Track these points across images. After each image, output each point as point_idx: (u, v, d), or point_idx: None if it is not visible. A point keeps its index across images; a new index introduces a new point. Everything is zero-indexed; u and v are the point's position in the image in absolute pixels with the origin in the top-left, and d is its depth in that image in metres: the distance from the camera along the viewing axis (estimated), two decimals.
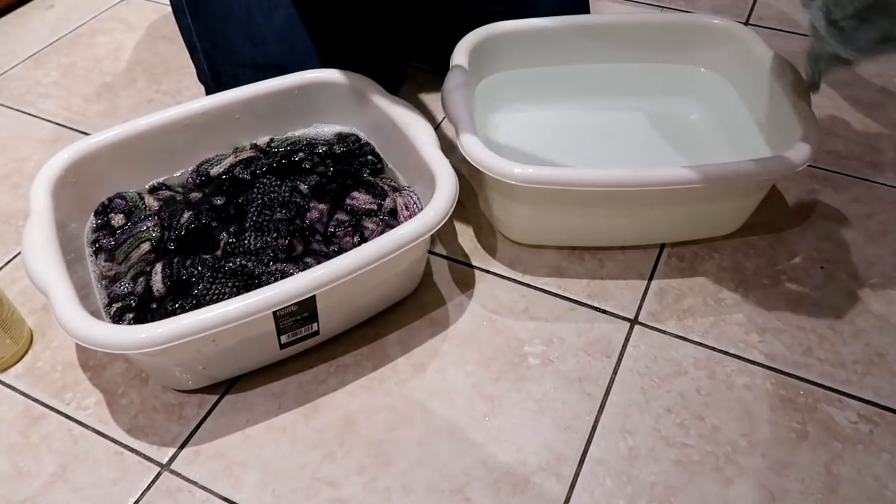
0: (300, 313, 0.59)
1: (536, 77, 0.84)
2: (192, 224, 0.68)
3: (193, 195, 0.72)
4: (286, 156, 0.75)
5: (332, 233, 0.68)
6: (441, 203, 0.61)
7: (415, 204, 0.68)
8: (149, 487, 0.58)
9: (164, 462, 0.59)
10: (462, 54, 0.76)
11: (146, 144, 0.71)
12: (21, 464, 0.59)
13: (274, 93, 0.75)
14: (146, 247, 0.67)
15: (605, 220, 0.71)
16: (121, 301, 0.63)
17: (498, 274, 0.73)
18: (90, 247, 0.68)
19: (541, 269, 0.73)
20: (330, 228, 0.68)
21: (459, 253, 0.75)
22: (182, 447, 0.60)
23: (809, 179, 0.81)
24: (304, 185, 0.71)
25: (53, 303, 0.55)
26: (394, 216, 0.69)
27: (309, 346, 0.65)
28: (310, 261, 0.64)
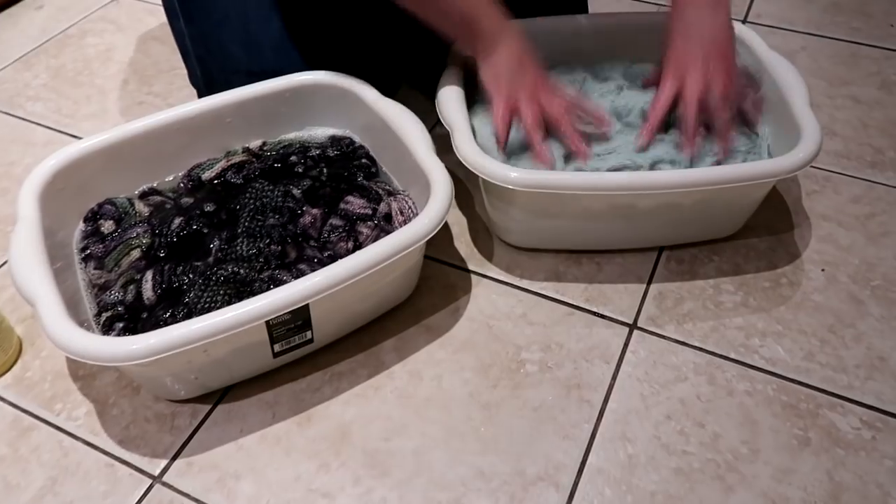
0: (294, 322, 0.58)
1: None
2: (183, 230, 0.67)
3: (185, 200, 0.71)
4: (279, 159, 0.74)
5: (325, 238, 0.67)
6: (436, 208, 0.60)
7: (410, 209, 0.67)
8: (140, 500, 0.57)
9: (156, 474, 0.58)
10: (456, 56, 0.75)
11: (136, 149, 0.70)
12: (10, 477, 0.58)
13: (266, 96, 0.74)
14: (136, 254, 0.66)
15: (603, 223, 0.70)
16: (111, 310, 0.62)
17: (495, 279, 0.72)
18: (79, 254, 0.66)
19: (538, 273, 0.72)
20: (324, 234, 0.67)
21: (455, 257, 0.74)
22: (174, 458, 0.59)
23: (809, 180, 0.81)
24: (298, 190, 0.70)
25: (40, 313, 0.54)
26: (388, 221, 0.68)
27: (303, 355, 0.64)
28: (303, 267, 0.63)
